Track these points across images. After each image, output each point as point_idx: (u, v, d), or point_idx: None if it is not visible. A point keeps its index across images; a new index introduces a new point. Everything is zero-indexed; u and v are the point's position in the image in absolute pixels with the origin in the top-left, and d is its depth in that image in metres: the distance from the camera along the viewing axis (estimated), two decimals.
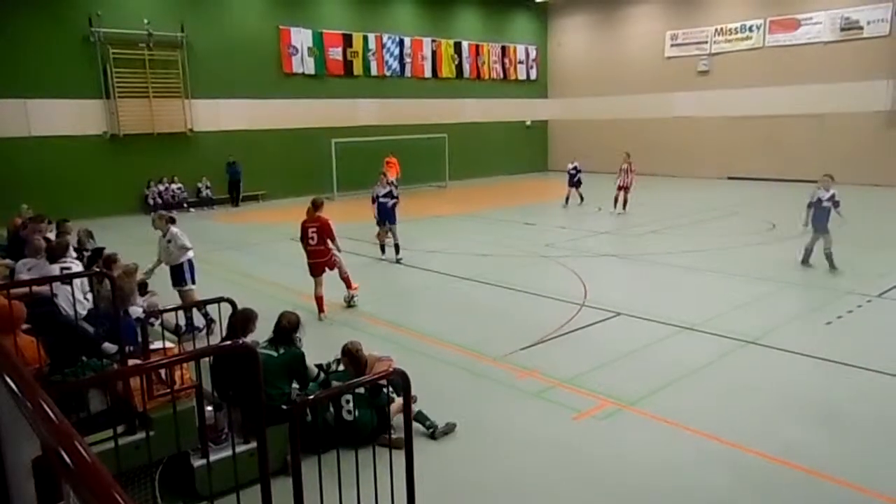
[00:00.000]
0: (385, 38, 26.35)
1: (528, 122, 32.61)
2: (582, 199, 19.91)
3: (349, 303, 9.73)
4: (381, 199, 12.47)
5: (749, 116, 26.13)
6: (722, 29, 26.80)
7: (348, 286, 9.64)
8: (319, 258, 9.18)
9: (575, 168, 19.57)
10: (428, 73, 28.10)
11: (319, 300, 9.20)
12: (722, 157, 26.97)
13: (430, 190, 25.99)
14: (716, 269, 11.63)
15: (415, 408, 5.75)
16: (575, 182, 19.67)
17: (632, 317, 8.90)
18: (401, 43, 26.89)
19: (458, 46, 28.97)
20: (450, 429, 5.76)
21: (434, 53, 28.15)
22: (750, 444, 5.39)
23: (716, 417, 5.94)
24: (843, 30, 23.56)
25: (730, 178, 26.44)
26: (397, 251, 12.69)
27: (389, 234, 12.70)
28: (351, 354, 5.86)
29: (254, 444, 4.21)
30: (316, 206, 9.24)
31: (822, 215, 11.07)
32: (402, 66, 27.15)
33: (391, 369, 4.41)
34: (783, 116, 25.14)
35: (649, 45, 29.06)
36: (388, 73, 26.72)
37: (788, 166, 24.85)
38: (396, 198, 12.61)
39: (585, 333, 8.34)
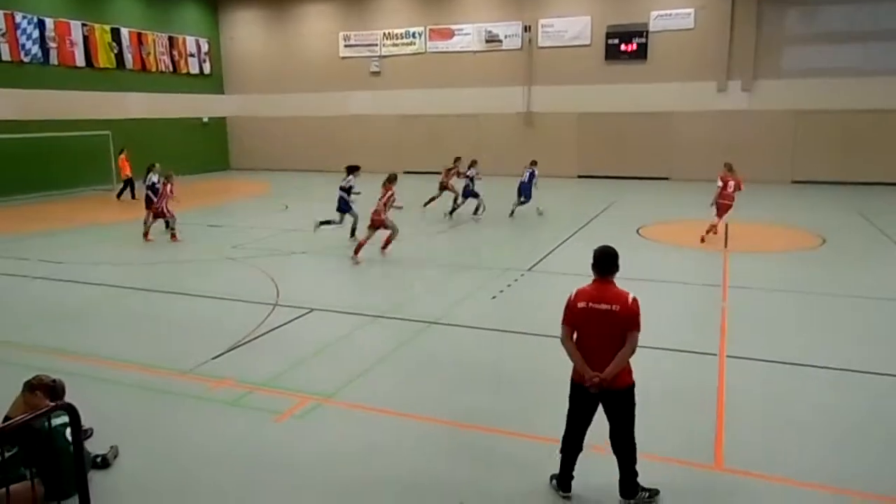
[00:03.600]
0: (19, 18, 22.31)
1: (205, 119, 30.90)
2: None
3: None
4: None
5: (417, 115, 28.52)
6: (390, 34, 28.69)
7: (384, 245, 12.50)
8: (374, 217, 12.14)
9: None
10: (81, 62, 24.65)
11: (360, 245, 12.14)
12: (395, 153, 28.90)
13: (94, 195, 22.92)
14: (398, 258, 12.45)
15: (87, 445, 5.07)
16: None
17: (325, 311, 9.06)
18: (41, 24, 23.08)
19: (116, 33, 25.99)
20: (115, 452, 5.21)
21: (87, 39, 24.81)
22: (439, 416, 5.91)
23: (407, 396, 6.39)
24: (487, 41, 27.13)
25: (406, 173, 28.53)
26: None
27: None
28: (47, 388, 4.83)
29: None
30: (390, 179, 12.60)
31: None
32: (46, 51, 23.35)
33: (53, 404, 3.81)
34: (445, 115, 28.00)
35: (325, 44, 29.75)
36: (26, 60, 22.70)
37: (451, 160, 27.83)
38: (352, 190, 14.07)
39: (280, 333, 8.24)
